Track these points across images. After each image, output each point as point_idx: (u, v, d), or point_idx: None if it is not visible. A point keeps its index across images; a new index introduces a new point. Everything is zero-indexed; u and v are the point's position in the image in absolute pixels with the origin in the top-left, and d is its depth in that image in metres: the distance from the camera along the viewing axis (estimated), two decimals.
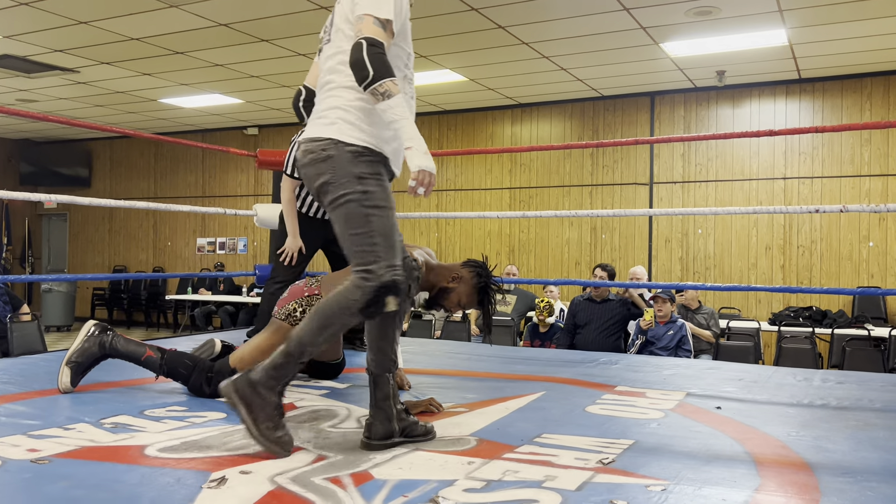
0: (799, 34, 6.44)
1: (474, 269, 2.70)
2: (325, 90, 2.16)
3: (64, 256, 13.52)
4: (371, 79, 1.97)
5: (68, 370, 2.77)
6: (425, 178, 2.04)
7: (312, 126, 2.15)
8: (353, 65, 1.99)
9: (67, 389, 2.75)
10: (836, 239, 7.96)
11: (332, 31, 2.19)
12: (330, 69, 2.15)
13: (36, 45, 7.02)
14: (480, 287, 2.68)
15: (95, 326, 2.86)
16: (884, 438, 2.29)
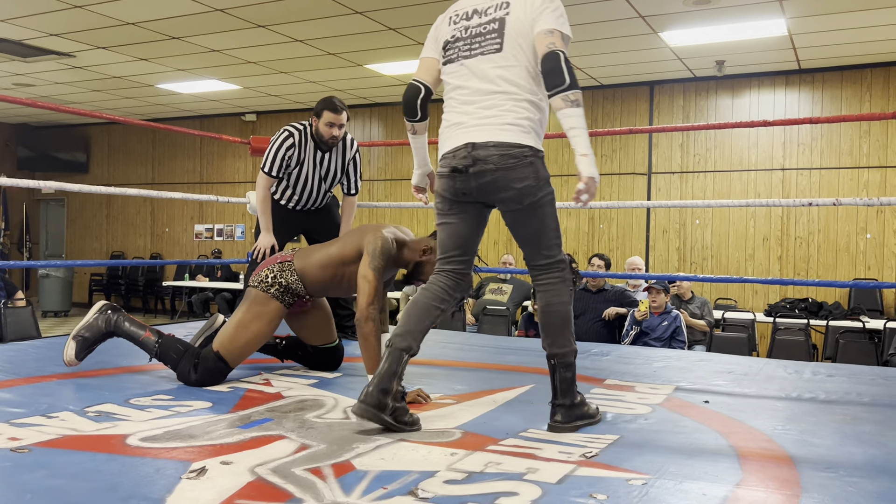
0: (799, 24, 6.40)
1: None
2: (508, 100, 2.31)
3: (62, 242, 13.51)
4: (566, 86, 2.22)
5: (74, 344, 2.85)
6: (592, 186, 2.24)
7: (504, 132, 2.29)
8: (551, 71, 2.22)
9: (72, 362, 2.84)
10: (834, 231, 7.94)
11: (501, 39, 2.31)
12: (510, 80, 2.31)
13: (31, 28, 6.97)
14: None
15: (105, 305, 2.94)
16: (870, 433, 2.29)
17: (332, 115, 3.50)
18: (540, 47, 2.25)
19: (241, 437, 2.09)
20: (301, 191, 3.71)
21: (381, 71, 8.35)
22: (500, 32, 2.32)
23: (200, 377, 2.76)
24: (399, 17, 6.42)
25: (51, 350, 3.41)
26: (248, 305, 2.84)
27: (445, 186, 2.39)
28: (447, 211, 2.43)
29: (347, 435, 2.14)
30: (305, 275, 2.86)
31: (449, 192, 2.39)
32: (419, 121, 2.53)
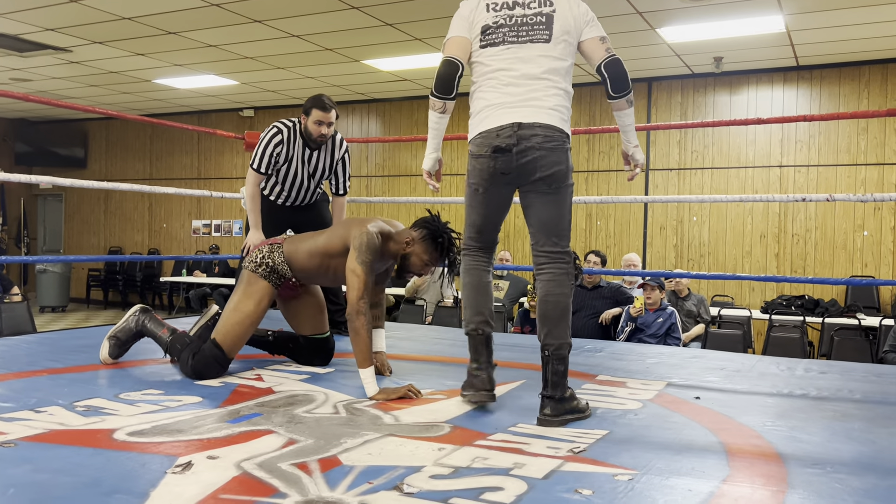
0: (797, 20, 6.38)
1: (423, 226, 2.77)
2: (550, 87, 2.44)
3: (59, 237, 13.50)
4: (630, 91, 2.54)
5: (108, 344, 3.03)
6: (641, 167, 2.65)
7: (549, 115, 2.42)
8: (617, 75, 2.50)
9: (107, 361, 3.01)
10: (831, 228, 7.93)
11: (550, 32, 2.45)
12: (553, 70, 2.45)
13: (28, 23, 6.96)
14: (435, 240, 2.74)
15: (139, 308, 3.11)
16: (859, 430, 2.29)
17: (320, 114, 3.49)
18: (598, 52, 2.51)
19: (229, 431, 2.08)
20: (290, 187, 3.71)
21: (378, 67, 8.33)
22: (548, 26, 2.46)
23: (196, 365, 2.78)
24: (397, 13, 6.41)
25: (43, 345, 3.41)
26: (239, 287, 2.91)
27: (483, 165, 2.45)
28: (481, 190, 2.49)
29: (336, 430, 2.14)
30: (292, 259, 2.90)
31: (487, 173, 2.45)
32: (452, 98, 2.53)
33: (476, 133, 2.47)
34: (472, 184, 2.49)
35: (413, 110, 10.14)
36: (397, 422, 2.27)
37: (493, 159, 2.42)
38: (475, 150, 2.46)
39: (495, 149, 2.40)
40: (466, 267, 2.58)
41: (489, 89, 2.47)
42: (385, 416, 2.33)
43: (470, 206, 2.55)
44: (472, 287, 2.55)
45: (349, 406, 2.45)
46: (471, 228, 2.57)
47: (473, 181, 2.49)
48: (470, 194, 2.52)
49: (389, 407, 2.45)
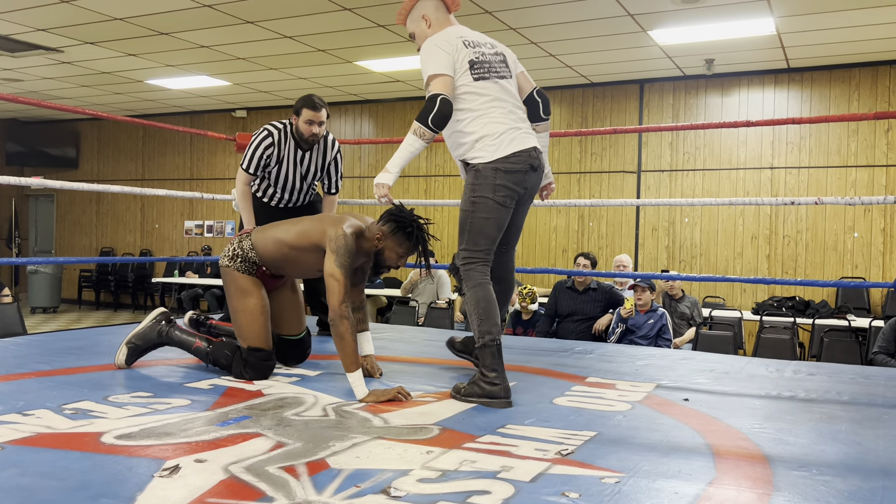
0: (787, 23, 6.42)
1: (389, 219, 2.81)
2: (524, 118, 2.85)
3: (51, 238, 13.45)
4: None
5: (126, 349, 3.00)
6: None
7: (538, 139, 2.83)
8: (546, 102, 2.96)
9: (122, 366, 2.98)
10: (822, 229, 7.97)
11: (510, 70, 2.86)
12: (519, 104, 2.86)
13: (19, 23, 6.93)
14: (405, 231, 2.78)
15: (161, 314, 3.08)
16: (845, 432, 2.30)
17: (311, 113, 3.49)
18: (528, 83, 2.94)
19: (217, 434, 2.08)
20: (282, 189, 3.71)
21: (371, 68, 8.33)
22: (506, 64, 2.85)
23: (255, 375, 2.86)
24: (389, 14, 6.41)
25: (32, 347, 3.40)
26: (229, 290, 2.94)
27: (517, 181, 2.71)
28: (509, 204, 2.72)
29: (324, 433, 2.14)
30: (259, 248, 2.92)
31: (520, 187, 2.72)
32: (441, 131, 2.75)
33: (511, 152, 2.68)
34: (502, 198, 2.68)
35: (405, 111, 10.15)
36: (386, 424, 2.27)
37: (527, 175, 2.72)
38: (512, 167, 2.68)
39: (531, 166, 2.72)
40: (479, 281, 2.68)
41: (499, 115, 2.72)
42: (374, 418, 2.34)
43: (491, 219, 2.69)
44: (486, 300, 2.66)
45: (338, 409, 2.45)
46: (486, 241, 2.71)
47: (503, 195, 2.68)
48: (494, 208, 2.68)
49: (379, 409, 2.45)
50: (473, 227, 2.69)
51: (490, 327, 2.62)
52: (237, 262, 2.91)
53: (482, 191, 2.67)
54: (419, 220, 2.81)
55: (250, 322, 2.86)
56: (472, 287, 2.67)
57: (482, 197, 2.67)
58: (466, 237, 2.70)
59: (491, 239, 2.70)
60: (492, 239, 2.71)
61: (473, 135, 2.71)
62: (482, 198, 2.67)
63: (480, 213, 2.67)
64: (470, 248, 2.69)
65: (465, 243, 2.71)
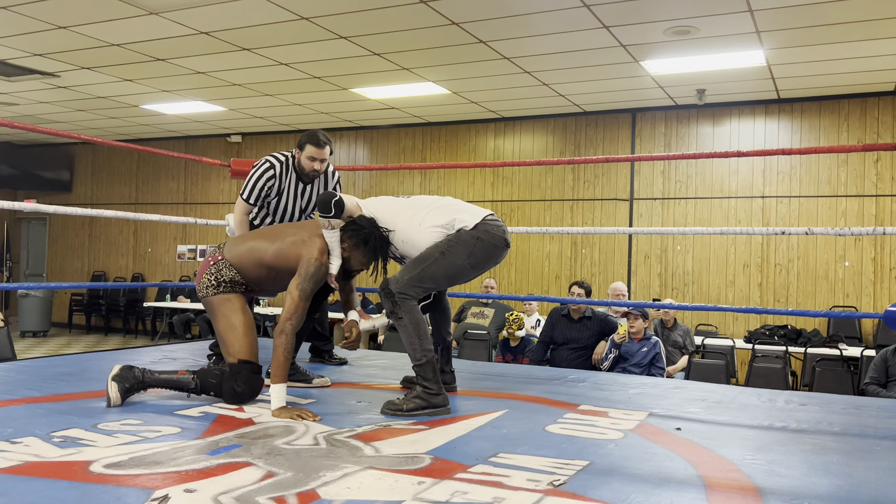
0: (777, 55, 6.51)
1: (352, 235, 2.99)
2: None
3: (43, 261, 13.39)
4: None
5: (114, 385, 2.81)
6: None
7: None
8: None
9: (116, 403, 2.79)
10: (813, 258, 8.02)
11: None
12: None
13: (14, 48, 6.97)
14: (367, 244, 2.99)
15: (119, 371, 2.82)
16: (837, 463, 2.30)
17: (314, 150, 3.48)
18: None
19: (207, 463, 2.07)
20: (281, 220, 3.70)
21: (366, 95, 8.40)
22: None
23: (245, 388, 2.89)
24: (384, 43, 6.48)
25: (21, 373, 3.37)
26: (215, 313, 2.99)
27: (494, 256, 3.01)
28: (476, 271, 3.01)
29: (315, 462, 2.12)
30: (241, 269, 3.03)
31: (491, 262, 3.02)
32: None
33: (486, 214, 3.01)
34: (470, 260, 2.93)
35: (400, 138, 10.21)
36: (378, 453, 2.26)
37: (502, 252, 3.01)
38: (493, 240, 2.95)
39: (507, 243, 3.01)
40: (414, 306, 2.93)
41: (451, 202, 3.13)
42: (365, 447, 2.32)
43: (446, 272, 2.94)
44: (423, 323, 2.94)
45: (329, 437, 2.44)
46: (431, 284, 2.97)
47: (476, 261, 2.95)
48: (460, 266, 2.94)
49: (370, 438, 2.44)
50: (428, 270, 2.93)
51: (429, 345, 2.91)
52: (223, 287, 2.99)
53: (456, 249, 2.93)
54: (377, 231, 3.01)
55: (242, 335, 2.95)
56: (408, 312, 2.91)
57: (451, 254, 2.93)
58: (418, 273, 2.92)
59: (437, 285, 3.02)
60: (437, 286, 3.04)
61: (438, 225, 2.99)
62: (451, 254, 2.93)
63: (443, 265, 2.93)
64: (414, 284, 2.92)
65: (413, 277, 2.92)
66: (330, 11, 5.75)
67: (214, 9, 5.74)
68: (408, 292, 2.91)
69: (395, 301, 2.91)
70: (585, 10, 5.51)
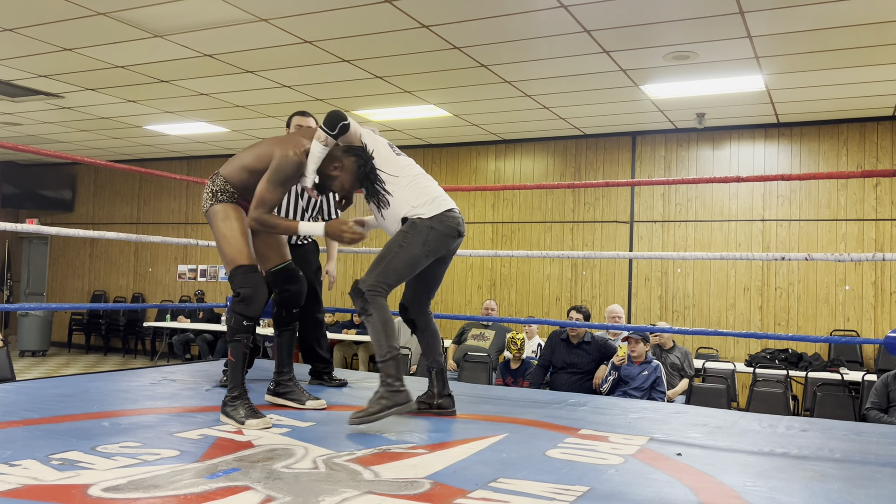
0: (776, 80, 6.57)
1: (356, 157, 3.00)
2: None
3: (43, 280, 13.40)
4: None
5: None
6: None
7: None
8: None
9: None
10: (813, 282, 8.02)
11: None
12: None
13: (20, 70, 7.04)
14: (362, 176, 3.02)
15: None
16: (838, 491, 2.29)
17: (300, 118, 3.72)
18: None
19: (206, 487, 2.06)
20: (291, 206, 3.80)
21: (368, 117, 8.45)
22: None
23: (246, 289, 3.00)
24: (385, 66, 6.54)
25: (20, 394, 3.36)
26: (212, 229, 3.11)
27: (446, 244, 3.06)
28: (430, 258, 3.05)
29: (314, 486, 2.12)
30: (230, 178, 3.12)
31: (443, 249, 3.07)
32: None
33: (447, 209, 3.03)
34: (425, 252, 2.99)
35: None
36: (377, 478, 2.25)
37: (455, 240, 3.07)
38: (445, 230, 3.01)
39: (459, 233, 3.06)
40: (383, 304, 2.99)
41: (427, 180, 3.12)
42: (365, 471, 2.31)
43: (405, 263, 3.00)
44: (391, 321, 3.00)
45: (328, 461, 2.43)
46: (395, 277, 3.02)
47: (428, 250, 3.00)
48: (417, 255, 2.99)
49: (370, 462, 2.43)
50: (391, 265, 3.00)
51: (395, 343, 3.00)
52: (217, 196, 3.09)
53: (410, 238, 2.99)
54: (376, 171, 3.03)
55: (232, 242, 3.04)
56: (377, 309, 2.98)
57: (408, 244, 2.99)
58: (381, 268, 3.00)
59: (400, 279, 3.05)
60: (401, 279, 3.06)
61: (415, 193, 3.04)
62: (408, 244, 2.99)
63: (402, 257, 2.99)
64: (380, 280, 2.99)
65: (378, 273, 2.99)
66: (332, 35, 5.81)
67: (218, 32, 5.80)
68: (376, 288, 2.98)
69: (366, 298, 2.97)
70: (586, 35, 5.56)
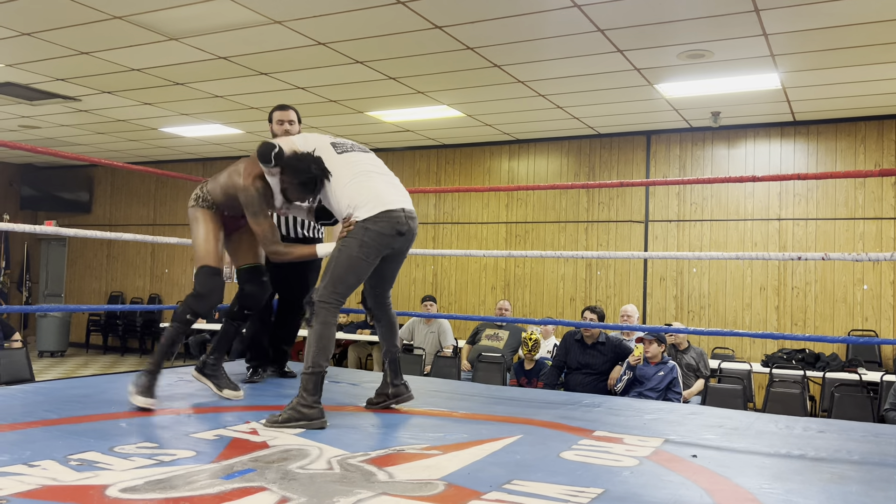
0: (792, 78, 6.51)
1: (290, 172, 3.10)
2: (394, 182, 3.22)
3: (61, 281, 13.54)
4: None
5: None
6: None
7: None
8: None
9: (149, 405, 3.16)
10: (831, 281, 7.95)
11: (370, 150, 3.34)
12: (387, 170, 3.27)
13: (38, 73, 7.11)
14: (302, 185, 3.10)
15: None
16: (856, 493, 2.27)
17: (279, 113, 3.89)
18: None
19: (221, 488, 2.08)
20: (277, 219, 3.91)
21: (382, 118, 8.47)
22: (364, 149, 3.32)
23: (202, 287, 3.27)
24: (399, 67, 6.54)
25: (39, 395, 3.40)
26: (191, 227, 3.39)
27: (387, 243, 3.03)
28: (372, 259, 3.03)
29: (329, 487, 2.13)
30: (212, 192, 3.37)
31: (386, 248, 3.04)
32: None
33: (386, 208, 3.00)
34: (364, 250, 2.98)
35: (415, 160, 10.27)
36: (391, 479, 2.25)
37: (394, 239, 3.04)
38: (381, 229, 2.99)
39: (398, 232, 3.03)
40: (327, 320, 2.99)
41: (370, 173, 3.12)
42: (379, 472, 2.32)
43: (348, 268, 3.00)
44: (327, 338, 2.99)
45: (343, 461, 2.44)
46: (343, 286, 3.02)
47: (369, 251, 2.99)
48: (356, 258, 2.99)
49: (384, 462, 2.44)
50: (335, 274, 3.01)
51: (322, 360, 2.97)
52: (200, 202, 3.36)
53: (348, 242, 3.01)
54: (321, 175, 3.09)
55: (203, 245, 3.27)
56: (319, 323, 2.99)
57: (346, 247, 3.01)
58: (328, 279, 3.02)
59: (348, 286, 3.03)
60: (348, 286, 3.03)
61: (355, 194, 3.05)
62: (346, 248, 3.01)
63: (342, 264, 3.01)
64: (330, 291, 3.01)
65: (326, 285, 3.02)
66: (346, 37, 5.82)
67: (233, 35, 5.83)
68: (326, 299, 3.00)
69: (314, 310, 3.02)
70: (599, 34, 5.54)
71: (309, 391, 2.92)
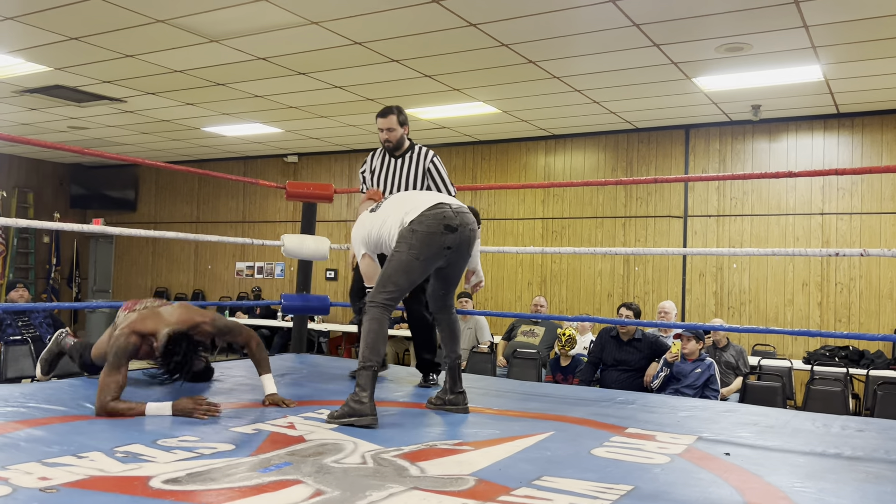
0: (834, 70, 6.38)
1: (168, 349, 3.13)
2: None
3: (109, 277, 13.92)
4: None
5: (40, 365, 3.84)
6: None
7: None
8: None
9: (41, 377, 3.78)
10: (877, 277, 7.77)
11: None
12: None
13: (85, 76, 7.33)
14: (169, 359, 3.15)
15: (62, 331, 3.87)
16: (891, 493, 2.24)
17: (379, 121, 3.93)
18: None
19: (259, 480, 2.15)
20: (382, 190, 4.01)
21: (418, 115, 8.53)
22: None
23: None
24: (435, 65, 6.59)
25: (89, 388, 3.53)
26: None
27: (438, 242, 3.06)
28: (423, 259, 3.07)
29: (362, 481, 2.18)
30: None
31: (439, 247, 3.07)
32: None
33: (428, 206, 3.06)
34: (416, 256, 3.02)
35: (451, 156, 10.31)
36: (423, 474, 2.30)
37: (444, 237, 3.05)
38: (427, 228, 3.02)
39: (446, 227, 3.03)
40: (376, 317, 3.03)
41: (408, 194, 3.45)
42: (411, 467, 2.37)
43: (398, 271, 3.04)
44: (377, 334, 3.02)
45: (376, 456, 2.49)
46: (392, 287, 3.05)
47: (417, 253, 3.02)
48: (406, 261, 3.03)
49: (416, 457, 2.49)
50: (384, 275, 3.07)
51: (372, 356, 2.99)
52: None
53: (399, 247, 3.06)
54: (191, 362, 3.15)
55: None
56: (368, 320, 3.04)
57: (398, 252, 3.05)
58: (379, 281, 3.08)
59: (397, 286, 3.05)
60: (398, 286, 3.05)
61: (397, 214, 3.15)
62: (397, 252, 3.05)
63: (392, 266, 3.05)
64: (377, 290, 3.07)
65: (376, 286, 3.08)
66: (382, 36, 5.89)
67: (272, 36, 5.94)
68: (375, 300, 3.04)
69: (363, 310, 3.06)
70: (635, 28, 5.51)
71: (360, 386, 2.96)
